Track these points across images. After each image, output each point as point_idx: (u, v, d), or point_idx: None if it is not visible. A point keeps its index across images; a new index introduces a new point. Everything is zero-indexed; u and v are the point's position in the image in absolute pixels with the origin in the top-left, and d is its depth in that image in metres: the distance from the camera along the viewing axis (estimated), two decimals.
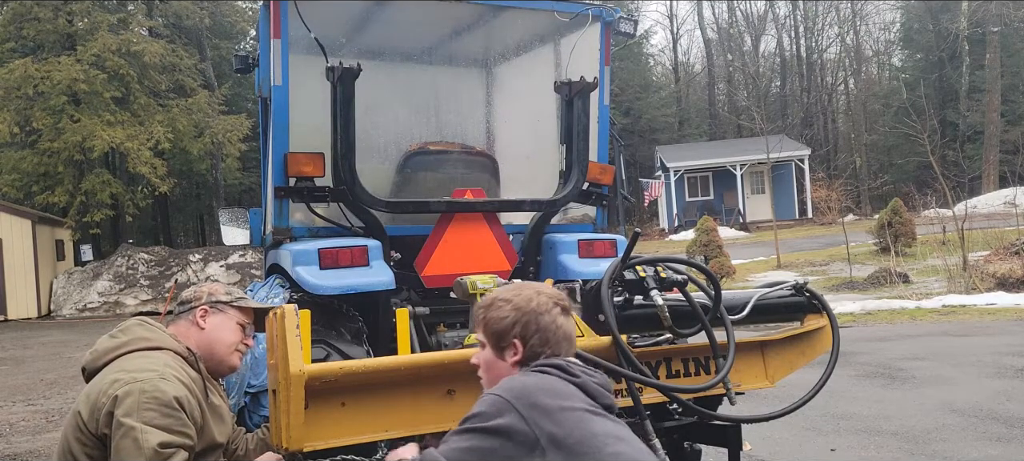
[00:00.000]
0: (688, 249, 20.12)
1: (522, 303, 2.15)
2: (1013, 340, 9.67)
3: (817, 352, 3.45)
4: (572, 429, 1.91)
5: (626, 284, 3.05)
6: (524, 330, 2.12)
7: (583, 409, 1.98)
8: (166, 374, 2.38)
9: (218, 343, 2.69)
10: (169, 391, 2.32)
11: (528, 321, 2.12)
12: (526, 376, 2.05)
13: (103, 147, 24.09)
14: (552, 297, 2.18)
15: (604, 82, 4.40)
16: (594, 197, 4.49)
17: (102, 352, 2.50)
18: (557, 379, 2.04)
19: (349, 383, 2.58)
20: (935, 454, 5.48)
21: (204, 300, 2.72)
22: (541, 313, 2.13)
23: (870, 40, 51.91)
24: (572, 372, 2.07)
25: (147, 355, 2.46)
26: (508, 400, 1.94)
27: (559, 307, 2.16)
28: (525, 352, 2.12)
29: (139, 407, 2.26)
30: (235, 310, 2.75)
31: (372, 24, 4.46)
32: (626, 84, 44.20)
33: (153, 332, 2.58)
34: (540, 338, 2.12)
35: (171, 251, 25.86)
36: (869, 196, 36.69)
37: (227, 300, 2.75)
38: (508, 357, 2.14)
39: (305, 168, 3.86)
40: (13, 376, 12.04)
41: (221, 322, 2.71)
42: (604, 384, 2.12)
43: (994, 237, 16.69)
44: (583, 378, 2.07)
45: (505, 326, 2.14)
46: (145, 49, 24.85)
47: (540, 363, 2.09)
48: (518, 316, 2.13)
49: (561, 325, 2.14)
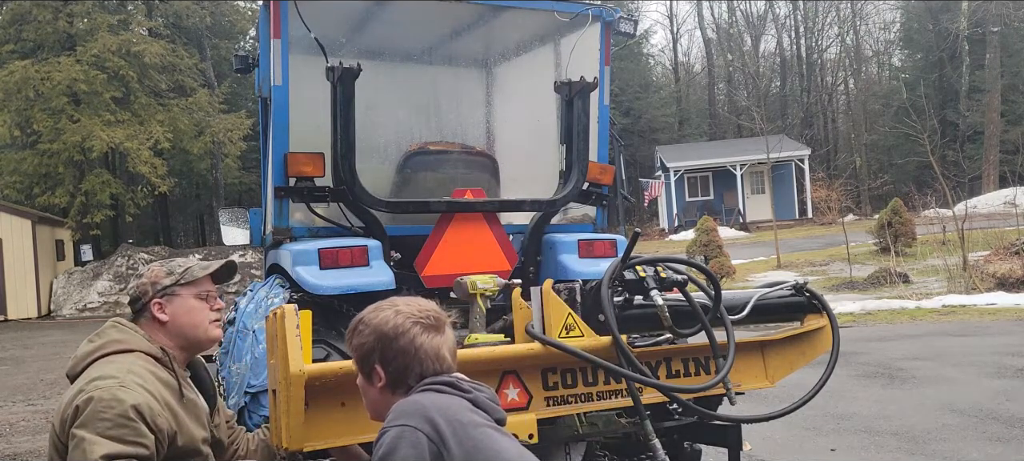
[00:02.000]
0: (688, 249, 20.12)
1: (378, 325, 2.03)
2: (1013, 340, 9.67)
3: (817, 352, 3.45)
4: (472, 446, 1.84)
5: (626, 284, 3.05)
6: (383, 356, 2.01)
7: (484, 424, 1.91)
8: (127, 381, 2.29)
9: (188, 327, 2.56)
10: (127, 400, 2.23)
11: (385, 346, 2.01)
12: (419, 395, 1.95)
13: (102, 147, 24.11)
14: (412, 315, 2.03)
15: (604, 82, 4.40)
16: (594, 197, 4.48)
17: (80, 358, 2.44)
18: (449, 396, 1.95)
19: (349, 383, 2.58)
20: (935, 454, 5.47)
21: (151, 293, 2.56)
22: (397, 336, 2.00)
23: (870, 40, 51.97)
24: (462, 388, 1.98)
25: (114, 360, 2.39)
26: (406, 425, 1.85)
27: (419, 326, 2.01)
28: (388, 377, 2.02)
29: (93, 417, 2.20)
30: (186, 287, 2.58)
31: (372, 24, 4.46)
32: (626, 84, 44.20)
33: (126, 333, 2.50)
34: (400, 363, 2.00)
35: (171, 251, 25.86)
36: (869, 196, 36.69)
37: (172, 282, 2.57)
38: (376, 382, 2.04)
39: (305, 168, 3.86)
40: (13, 376, 12.05)
41: (179, 306, 2.56)
42: (494, 398, 2.04)
43: (994, 237, 16.69)
44: (474, 394, 1.99)
45: (365, 351, 2.04)
46: (145, 50, 24.85)
47: (429, 381, 1.99)
48: (375, 342, 2.02)
49: (421, 345, 2.00)
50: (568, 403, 3.03)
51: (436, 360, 2.02)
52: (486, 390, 2.05)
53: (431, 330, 2.03)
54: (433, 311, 2.08)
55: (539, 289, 2.96)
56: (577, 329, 2.94)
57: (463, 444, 1.83)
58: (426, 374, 2.01)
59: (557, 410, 3.02)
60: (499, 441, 1.89)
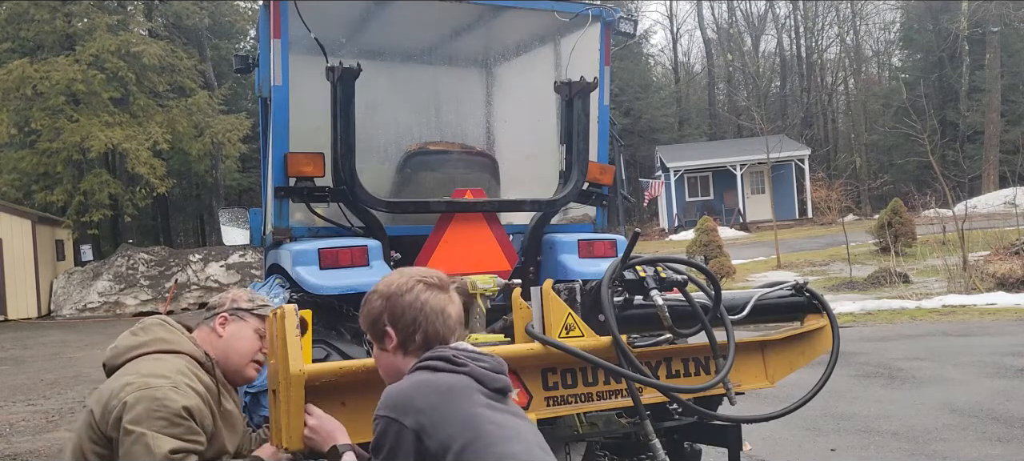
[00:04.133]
0: (688, 249, 20.12)
1: (384, 288, 2.12)
2: (1013, 340, 9.67)
3: (817, 352, 3.45)
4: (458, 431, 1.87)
5: (626, 284, 3.05)
6: (391, 315, 2.09)
7: (476, 405, 1.93)
8: (178, 382, 2.38)
9: (234, 352, 2.68)
10: (179, 401, 2.33)
11: (392, 305, 2.08)
12: (413, 377, 2.00)
13: (101, 147, 24.09)
14: (417, 276, 2.13)
15: (604, 82, 4.40)
16: (594, 197, 4.48)
17: (122, 350, 2.52)
18: (444, 373, 1.99)
19: (349, 383, 2.58)
20: (935, 454, 5.48)
21: (226, 307, 2.71)
22: (403, 293, 2.08)
23: (870, 40, 52.03)
24: (459, 362, 2.01)
25: (162, 359, 2.47)
26: (391, 418, 1.91)
27: (422, 284, 2.10)
28: (398, 336, 2.08)
29: (149, 415, 2.28)
30: (255, 318, 2.73)
31: (372, 24, 4.46)
32: (626, 84, 44.20)
33: (173, 334, 2.58)
34: (408, 319, 2.07)
35: (171, 251, 25.84)
36: (869, 196, 36.67)
37: (248, 308, 2.73)
38: (388, 346, 2.11)
39: (305, 168, 3.86)
40: (13, 376, 12.04)
41: (239, 330, 2.70)
42: (495, 367, 2.06)
43: (994, 237, 16.68)
44: (471, 366, 2.01)
45: (375, 315, 2.11)
46: (144, 51, 24.83)
47: (426, 357, 2.04)
48: (384, 303, 2.10)
49: (425, 301, 2.08)
50: (568, 403, 3.03)
51: (441, 316, 2.08)
52: (487, 359, 2.07)
53: (435, 288, 2.11)
54: (437, 274, 2.16)
55: (539, 289, 2.96)
56: (577, 329, 2.94)
57: (441, 431, 1.86)
58: (431, 333, 2.07)
59: (557, 410, 3.02)
60: (484, 425, 1.89)
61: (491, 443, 1.87)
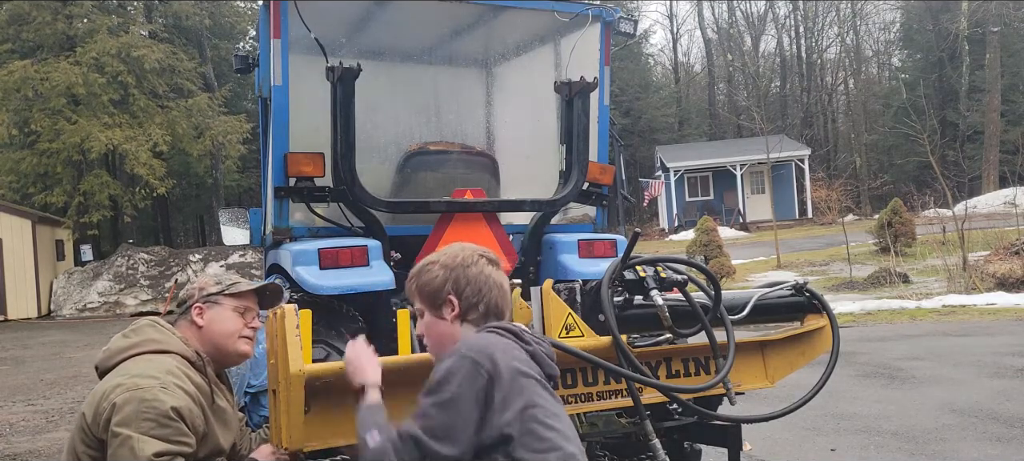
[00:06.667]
0: (688, 249, 20.12)
1: (448, 260, 2.21)
2: (1013, 340, 9.67)
3: (817, 352, 3.45)
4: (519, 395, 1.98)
5: (626, 284, 3.05)
6: (456, 284, 2.18)
7: (535, 379, 2.05)
8: (167, 383, 2.36)
9: (219, 336, 2.65)
10: (167, 401, 2.31)
11: (458, 275, 2.18)
12: (487, 334, 2.11)
13: (101, 148, 24.08)
14: (477, 250, 2.24)
15: (604, 82, 4.40)
16: (594, 197, 4.49)
17: (114, 352, 2.51)
18: (512, 343, 2.09)
19: (349, 383, 2.58)
20: (935, 454, 5.48)
21: (196, 297, 2.68)
22: (469, 265, 2.19)
23: (870, 40, 51.99)
24: (524, 339, 2.13)
25: (152, 359, 2.45)
26: (471, 358, 1.99)
27: (485, 259, 2.22)
28: (461, 305, 2.18)
29: (136, 417, 2.26)
30: (229, 298, 2.69)
31: (372, 24, 4.46)
32: (626, 84, 44.19)
33: (163, 334, 2.57)
34: (472, 289, 2.17)
35: (171, 251, 25.85)
36: (869, 196, 36.68)
37: (217, 291, 2.69)
38: (446, 314, 2.19)
39: (305, 168, 3.86)
40: (13, 376, 12.04)
41: (217, 314, 2.66)
42: (551, 355, 2.19)
43: (994, 237, 16.68)
44: (534, 346, 2.14)
45: (437, 284, 2.20)
46: (145, 54, 24.79)
47: (494, 325, 2.15)
48: (447, 273, 2.19)
49: (490, 275, 2.20)
50: (568, 403, 3.03)
51: (500, 290, 2.21)
52: (545, 345, 2.20)
53: (494, 265, 2.24)
54: (491, 252, 2.27)
55: (539, 289, 2.96)
56: (577, 329, 2.94)
57: (512, 391, 1.98)
58: (492, 305, 2.19)
59: None
60: (542, 395, 2.04)
61: (547, 416, 2.00)
